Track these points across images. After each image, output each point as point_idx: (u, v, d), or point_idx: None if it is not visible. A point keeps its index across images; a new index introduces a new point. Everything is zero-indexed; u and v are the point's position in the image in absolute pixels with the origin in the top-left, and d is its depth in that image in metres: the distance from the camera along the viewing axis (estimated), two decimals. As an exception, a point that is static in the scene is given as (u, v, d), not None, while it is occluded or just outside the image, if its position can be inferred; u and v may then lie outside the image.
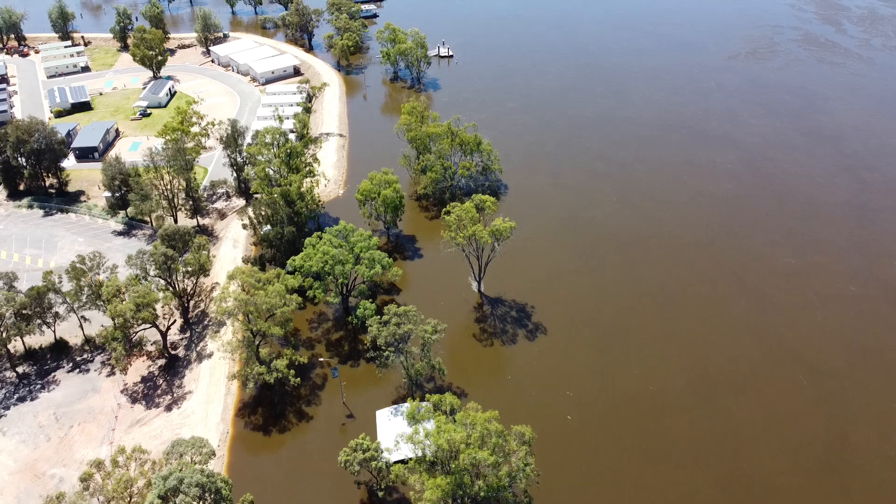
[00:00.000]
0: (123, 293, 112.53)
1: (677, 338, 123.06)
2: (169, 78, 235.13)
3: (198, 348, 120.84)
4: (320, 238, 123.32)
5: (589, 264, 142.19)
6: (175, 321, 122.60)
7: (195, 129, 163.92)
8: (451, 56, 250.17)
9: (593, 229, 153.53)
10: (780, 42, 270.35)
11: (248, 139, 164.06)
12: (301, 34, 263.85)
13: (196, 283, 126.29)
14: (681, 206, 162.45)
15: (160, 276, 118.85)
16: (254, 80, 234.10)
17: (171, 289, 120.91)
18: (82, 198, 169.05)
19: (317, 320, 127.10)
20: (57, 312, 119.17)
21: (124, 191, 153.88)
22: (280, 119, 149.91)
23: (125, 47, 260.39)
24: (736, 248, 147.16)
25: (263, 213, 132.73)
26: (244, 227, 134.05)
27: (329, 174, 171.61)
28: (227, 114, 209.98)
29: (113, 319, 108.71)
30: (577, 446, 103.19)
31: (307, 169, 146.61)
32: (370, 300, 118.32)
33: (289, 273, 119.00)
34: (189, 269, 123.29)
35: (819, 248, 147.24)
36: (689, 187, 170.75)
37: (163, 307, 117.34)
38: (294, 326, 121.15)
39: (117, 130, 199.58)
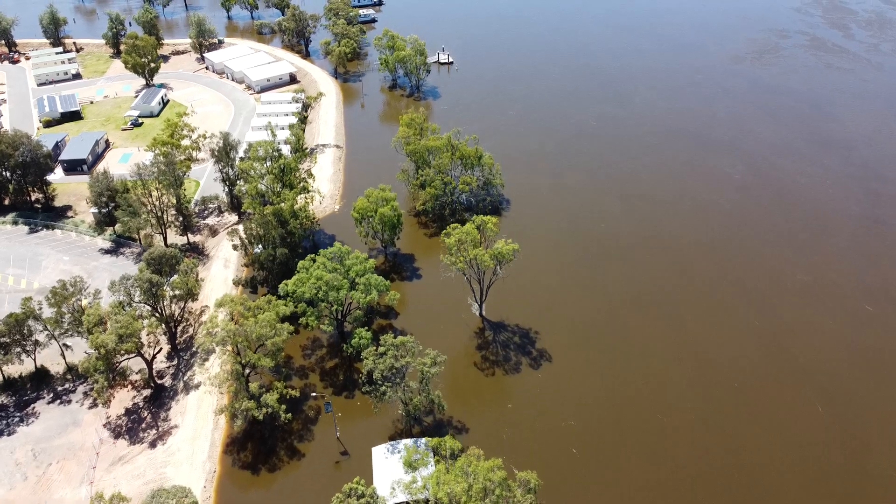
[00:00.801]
0: (106, 322, 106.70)
1: (686, 360, 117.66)
2: (162, 86, 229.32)
3: (185, 378, 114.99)
4: (314, 261, 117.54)
5: (593, 280, 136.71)
6: (161, 349, 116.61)
7: (185, 142, 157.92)
8: (451, 62, 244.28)
9: (596, 242, 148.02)
10: (785, 46, 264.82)
11: (241, 153, 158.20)
12: (298, 40, 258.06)
13: (184, 307, 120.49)
14: (687, 217, 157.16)
15: (145, 303, 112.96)
16: (249, 88, 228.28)
17: (157, 315, 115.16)
18: (69, 213, 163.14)
19: (310, 347, 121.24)
20: (37, 340, 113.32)
21: (112, 207, 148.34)
22: (273, 133, 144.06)
23: (118, 54, 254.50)
24: (745, 263, 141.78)
25: (255, 233, 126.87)
26: (234, 247, 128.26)
27: (325, 189, 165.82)
28: (220, 123, 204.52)
29: (95, 350, 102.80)
30: (584, 483, 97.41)
31: (301, 185, 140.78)
32: (366, 327, 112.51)
33: (280, 298, 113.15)
34: (176, 292, 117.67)
35: (830, 262, 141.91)
36: (695, 197, 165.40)
37: (148, 335, 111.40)
38: (286, 354, 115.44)
39: (107, 141, 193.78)
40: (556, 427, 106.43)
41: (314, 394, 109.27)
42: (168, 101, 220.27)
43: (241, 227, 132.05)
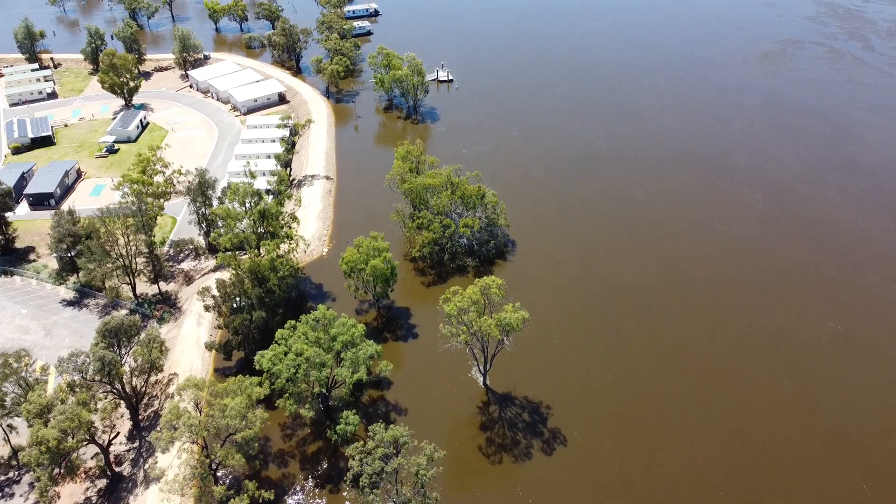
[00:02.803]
0: (52, 408, 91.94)
1: (714, 430, 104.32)
2: (142, 107, 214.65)
3: (146, 466, 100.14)
4: (294, 329, 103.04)
5: (608, 335, 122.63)
6: (118, 434, 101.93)
7: (158, 178, 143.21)
8: (451, 80, 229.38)
9: (610, 287, 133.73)
10: (802, 58, 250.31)
11: (220, 191, 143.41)
12: (288, 55, 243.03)
13: (147, 380, 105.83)
14: (706, 257, 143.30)
15: (100, 381, 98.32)
16: (234, 108, 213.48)
17: (115, 391, 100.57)
18: (32, 256, 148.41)
19: (290, 426, 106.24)
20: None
21: (75, 252, 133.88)
22: (252, 175, 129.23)
23: (97, 70, 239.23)
24: (771, 309, 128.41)
25: (229, 293, 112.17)
26: (206, 308, 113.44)
27: (312, 227, 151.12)
28: (202, 149, 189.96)
29: (36, 446, 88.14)
30: None
31: (284, 232, 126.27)
32: (353, 410, 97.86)
33: (255, 373, 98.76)
34: (139, 361, 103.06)
35: (864, 306, 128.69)
36: (715, 232, 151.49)
37: (102, 420, 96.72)
38: (264, 434, 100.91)
39: (79, 171, 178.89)
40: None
41: None
42: (148, 123, 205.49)
43: (213, 283, 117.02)
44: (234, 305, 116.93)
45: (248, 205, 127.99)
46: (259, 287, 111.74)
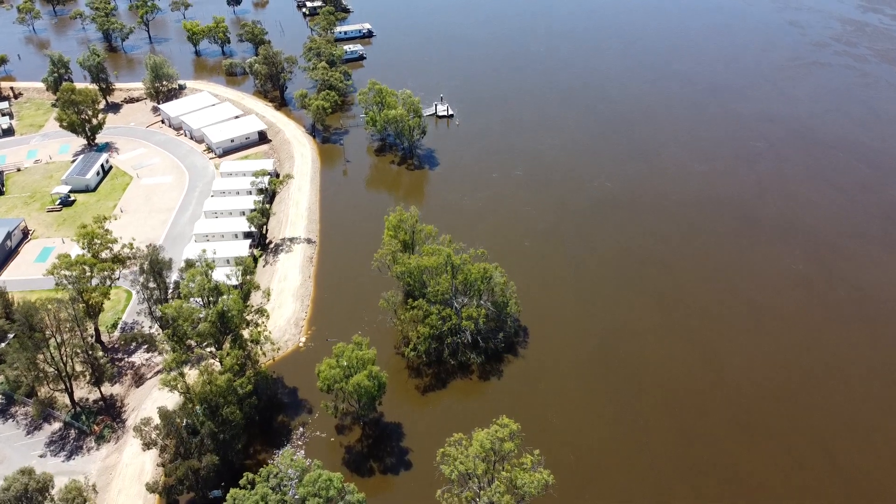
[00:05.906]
0: None
1: None
2: (105, 146, 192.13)
3: None
4: (252, 486, 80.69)
5: (633, 442, 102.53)
6: None
7: (105, 254, 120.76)
8: (451, 115, 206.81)
9: (635, 387, 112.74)
10: (832, 84, 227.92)
11: (179, 270, 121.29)
12: (272, 85, 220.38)
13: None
14: (743, 336, 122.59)
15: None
16: (209, 149, 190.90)
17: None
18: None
19: None
20: None
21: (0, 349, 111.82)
22: (210, 266, 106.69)
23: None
24: (822, 406, 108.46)
25: (174, 426, 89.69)
26: (146, 446, 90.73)
27: (288, 309, 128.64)
28: (169, 200, 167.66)
29: None
30: None
31: (249, 333, 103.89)
32: None
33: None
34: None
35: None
36: (750, 302, 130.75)
37: None
38: None
39: (25, 231, 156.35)
40: None
41: None
42: (110, 168, 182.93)
43: (156, 413, 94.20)
44: (186, 423, 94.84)
45: (205, 296, 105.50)
46: (212, 419, 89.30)
